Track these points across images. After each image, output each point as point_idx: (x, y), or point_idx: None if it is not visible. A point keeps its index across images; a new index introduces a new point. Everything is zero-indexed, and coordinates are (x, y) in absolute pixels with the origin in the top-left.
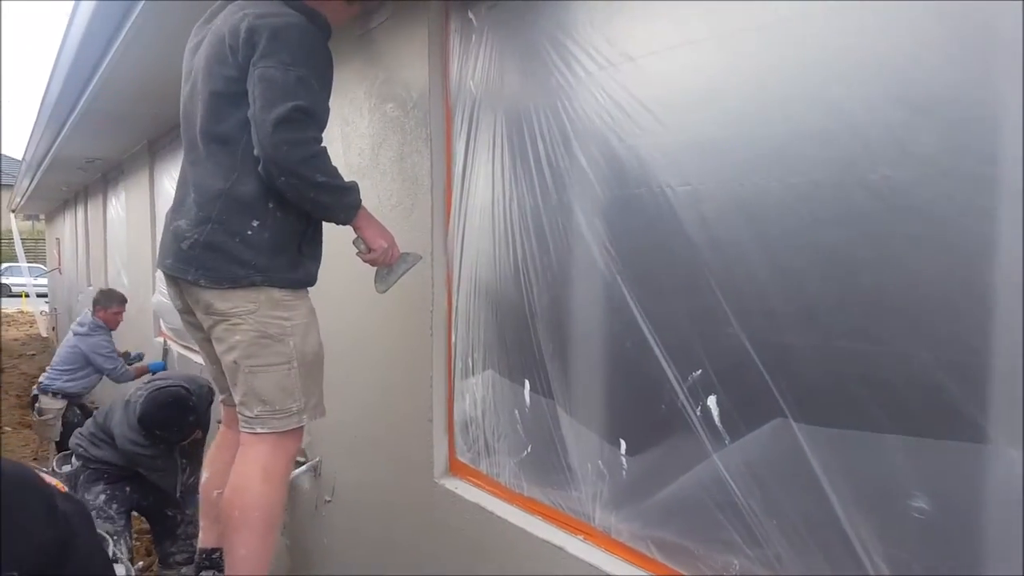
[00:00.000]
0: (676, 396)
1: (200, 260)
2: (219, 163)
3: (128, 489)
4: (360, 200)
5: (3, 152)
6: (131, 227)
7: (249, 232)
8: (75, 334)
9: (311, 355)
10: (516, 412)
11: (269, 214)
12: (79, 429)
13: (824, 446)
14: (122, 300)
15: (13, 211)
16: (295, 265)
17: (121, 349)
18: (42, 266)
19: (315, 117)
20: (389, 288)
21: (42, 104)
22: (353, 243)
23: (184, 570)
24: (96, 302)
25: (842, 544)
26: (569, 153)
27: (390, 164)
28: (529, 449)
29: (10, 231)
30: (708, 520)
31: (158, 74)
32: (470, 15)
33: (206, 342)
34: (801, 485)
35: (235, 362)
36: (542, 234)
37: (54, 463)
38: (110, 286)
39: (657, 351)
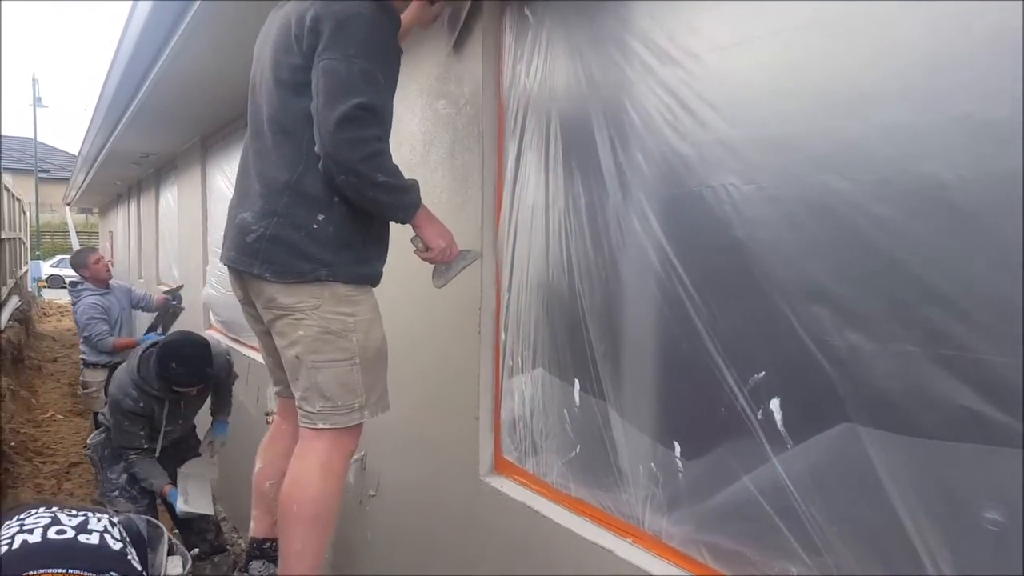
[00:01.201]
0: (735, 399)
1: (265, 254)
2: (284, 154)
3: None
4: (419, 199)
5: (61, 148)
6: (183, 221)
7: (315, 226)
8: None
9: (374, 351)
10: (565, 412)
11: (335, 208)
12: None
13: (892, 453)
14: (92, 250)
15: (68, 204)
16: (361, 260)
17: (142, 332)
18: None
19: (378, 115)
20: (447, 284)
21: (99, 101)
22: (411, 241)
23: (217, 558)
24: (75, 266)
25: (908, 556)
26: (626, 151)
27: (440, 161)
28: (578, 449)
29: (65, 224)
30: (766, 526)
31: (212, 72)
32: (526, 11)
33: (265, 335)
34: (866, 492)
35: (297, 357)
36: (596, 232)
37: (89, 438)
38: (161, 279)
39: (715, 353)
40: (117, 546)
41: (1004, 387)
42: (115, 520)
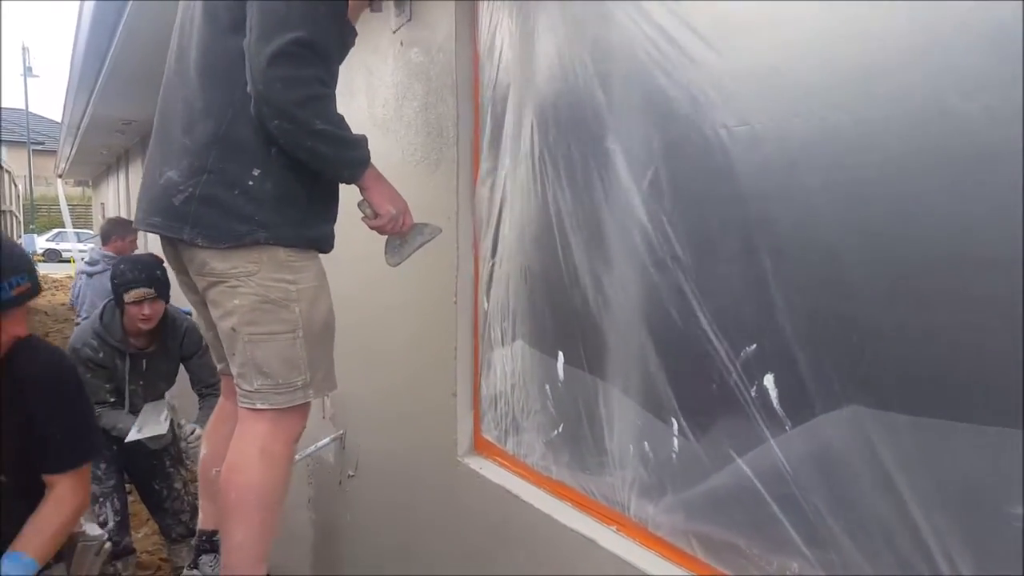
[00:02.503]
0: (728, 373)
1: (196, 216)
2: (212, 101)
3: (116, 448)
4: (368, 156)
5: (55, 119)
6: None
7: (250, 183)
8: (88, 275)
9: (320, 324)
10: (547, 387)
11: (272, 161)
12: None
13: (904, 436)
14: (127, 223)
15: (60, 176)
16: (304, 221)
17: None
18: (90, 231)
19: (319, 53)
20: (402, 262)
21: (71, 65)
22: (358, 206)
23: (194, 541)
24: (106, 233)
25: (921, 552)
26: (607, 91)
27: (414, 116)
28: (560, 428)
29: (58, 197)
30: (763, 515)
31: None
32: None
33: (202, 306)
34: (876, 481)
35: (233, 329)
36: (577, 186)
37: None
38: (149, 251)
39: (705, 322)
40: None
41: None
42: None
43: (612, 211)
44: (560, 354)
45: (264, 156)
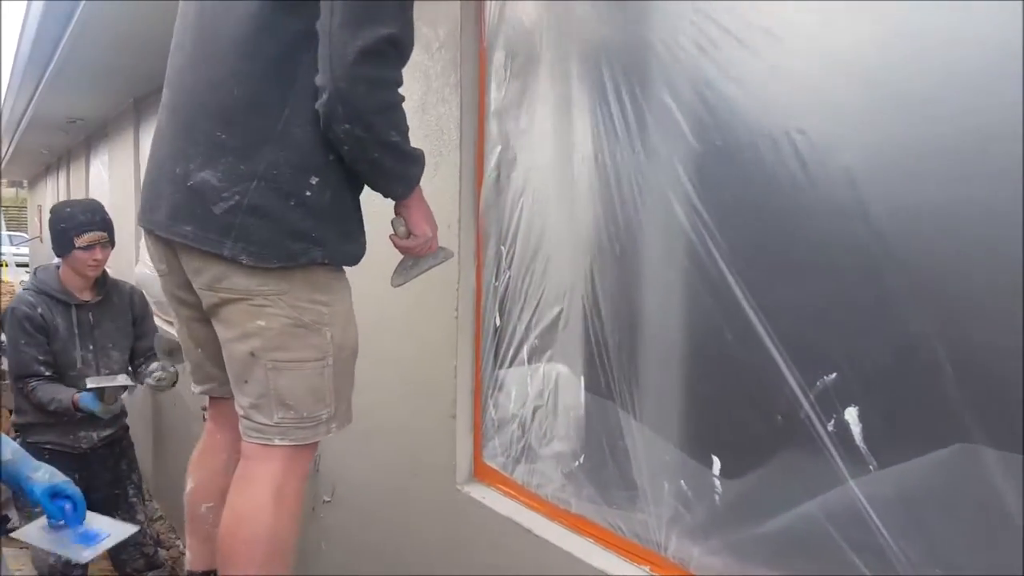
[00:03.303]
0: (797, 405)
1: (242, 230)
2: (261, 91)
3: (76, 477)
4: (421, 175)
5: None
6: (114, 192)
7: (308, 193)
8: None
9: (349, 350)
10: (567, 413)
11: (330, 168)
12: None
13: None
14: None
15: None
16: (350, 236)
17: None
18: (24, 234)
19: (405, 53)
20: (405, 283)
21: (16, 57)
22: (392, 223)
23: (152, 574)
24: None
25: None
26: (647, 93)
27: (411, 116)
28: (582, 459)
29: None
30: (836, 562)
31: (141, 19)
32: None
33: (197, 323)
34: (990, 531)
35: (252, 354)
36: (608, 196)
37: None
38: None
39: (770, 347)
40: None
41: None
42: None
43: (649, 224)
44: (582, 378)
45: (323, 161)
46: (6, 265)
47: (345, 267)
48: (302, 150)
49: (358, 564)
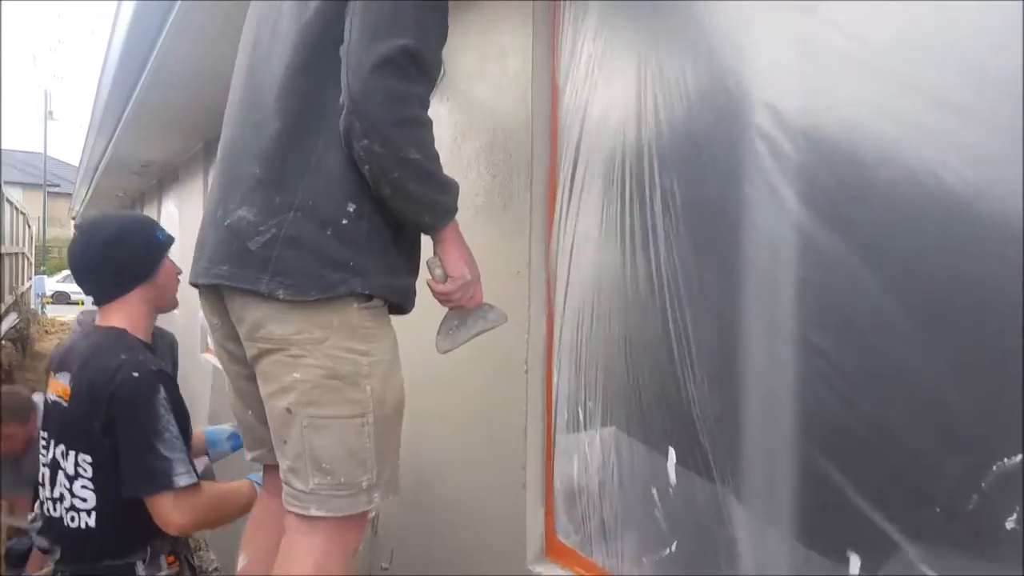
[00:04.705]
0: (964, 496)
1: (280, 263)
2: (297, 124)
3: None
4: (456, 206)
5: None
6: (185, 234)
7: (344, 221)
8: None
9: (392, 406)
10: (653, 490)
11: (365, 196)
12: None
13: None
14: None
15: (73, 219)
16: (393, 270)
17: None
18: None
19: (424, 69)
20: (453, 349)
21: (94, 106)
22: (427, 263)
23: None
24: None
25: None
26: (740, 119)
27: (476, 155)
28: (674, 547)
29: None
30: None
31: (210, 64)
32: None
33: (245, 380)
34: None
35: (288, 410)
36: (700, 239)
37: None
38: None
39: (922, 425)
40: None
41: None
42: None
43: (755, 273)
44: (671, 451)
45: (359, 188)
46: (82, 303)
47: (399, 315)
48: (337, 178)
49: None
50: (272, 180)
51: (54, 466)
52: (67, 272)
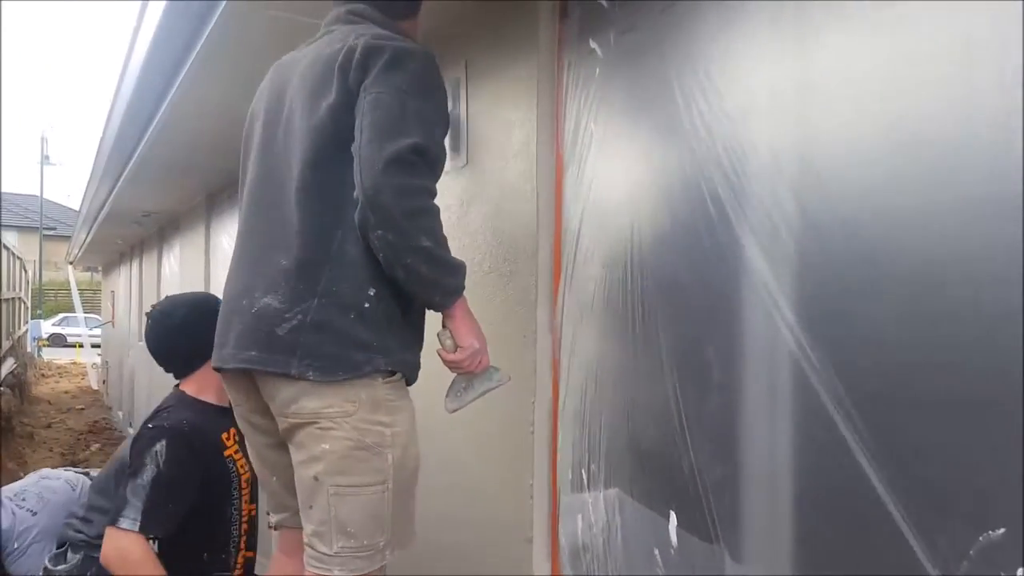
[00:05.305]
0: (954, 563)
1: (308, 347)
2: (316, 219)
3: None
4: (464, 285)
5: (68, 205)
6: (185, 284)
7: (366, 305)
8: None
9: (409, 472)
10: (656, 552)
11: (383, 280)
12: (71, 511)
13: None
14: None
15: (71, 263)
16: (409, 346)
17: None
18: (98, 316)
19: (431, 163)
20: (461, 408)
21: (97, 154)
22: (437, 336)
23: None
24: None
25: None
26: (740, 201)
27: (483, 223)
28: None
29: (67, 282)
30: None
31: (215, 123)
32: (592, 44)
33: (270, 449)
34: None
35: (316, 478)
36: (698, 317)
37: (47, 562)
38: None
39: (892, 503)
40: None
41: None
42: None
43: (752, 343)
44: (672, 515)
45: (377, 274)
46: (80, 346)
47: (408, 384)
48: (357, 265)
49: None
50: (296, 270)
51: None
52: (63, 315)
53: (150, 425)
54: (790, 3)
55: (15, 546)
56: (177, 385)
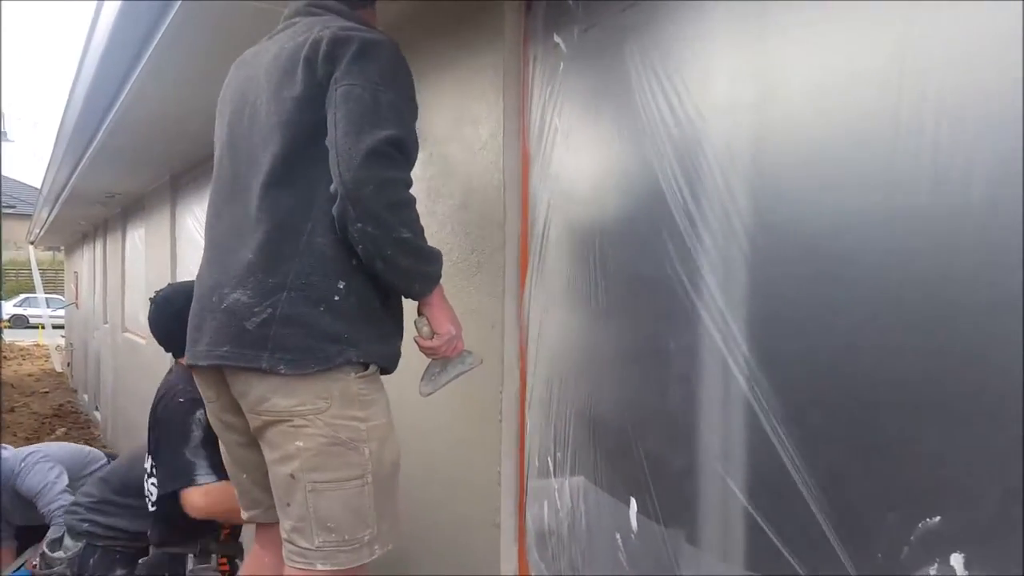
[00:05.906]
0: (897, 546)
1: (278, 340)
2: (285, 210)
3: None
4: (441, 274)
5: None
6: (150, 266)
7: (336, 297)
8: None
9: (389, 465)
10: (618, 536)
11: (354, 272)
12: (74, 500)
13: None
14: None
15: (32, 243)
16: (384, 338)
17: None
18: (61, 297)
19: (406, 155)
20: (434, 392)
21: (58, 135)
22: (415, 323)
23: None
24: None
25: None
26: (698, 201)
27: (450, 214)
28: None
29: (28, 262)
30: None
31: (179, 107)
32: (556, 39)
33: (242, 447)
34: None
35: (292, 476)
36: (660, 310)
37: (44, 547)
38: (127, 326)
39: (810, 489)
40: None
41: None
42: None
43: (698, 340)
44: (632, 502)
45: (347, 267)
46: (43, 327)
47: (384, 375)
48: (326, 258)
49: None
50: (264, 264)
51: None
52: (24, 295)
53: (180, 399)
54: (751, 3)
55: (21, 465)
56: (177, 361)
